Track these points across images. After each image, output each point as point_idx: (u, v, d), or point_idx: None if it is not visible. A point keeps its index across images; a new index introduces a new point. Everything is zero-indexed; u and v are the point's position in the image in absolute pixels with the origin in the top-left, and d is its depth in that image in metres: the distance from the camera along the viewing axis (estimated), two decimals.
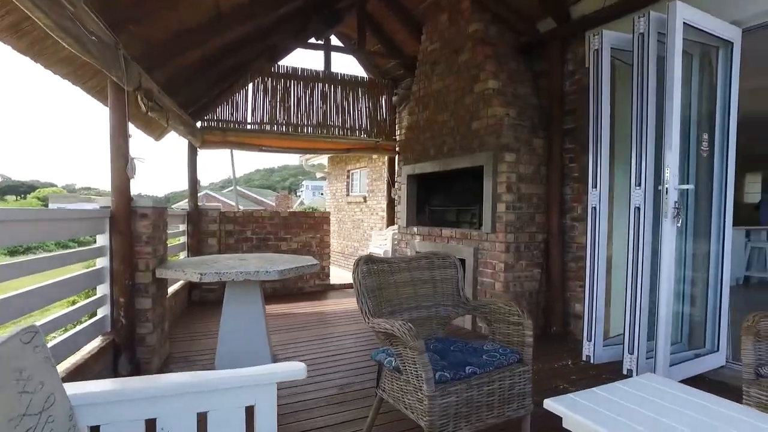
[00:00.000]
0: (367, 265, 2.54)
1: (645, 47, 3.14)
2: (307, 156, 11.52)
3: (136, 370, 3.26)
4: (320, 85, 6.77)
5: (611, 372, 3.43)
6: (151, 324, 3.36)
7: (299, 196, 37.68)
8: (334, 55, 6.87)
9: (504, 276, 4.49)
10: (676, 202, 3.01)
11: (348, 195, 11.16)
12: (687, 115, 3.45)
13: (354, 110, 7.02)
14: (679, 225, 3.05)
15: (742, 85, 3.41)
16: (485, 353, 2.32)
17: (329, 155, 10.96)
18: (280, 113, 6.52)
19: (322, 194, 33.24)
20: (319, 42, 6.67)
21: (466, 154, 4.93)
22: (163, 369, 3.51)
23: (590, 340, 3.56)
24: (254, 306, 3.52)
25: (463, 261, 4.86)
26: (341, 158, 11.20)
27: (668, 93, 3.02)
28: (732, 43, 3.38)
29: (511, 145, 4.51)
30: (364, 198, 10.17)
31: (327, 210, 11.28)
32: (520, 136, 4.59)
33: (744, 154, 3.58)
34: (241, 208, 12.37)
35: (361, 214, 10.40)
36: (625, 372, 3.25)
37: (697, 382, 3.22)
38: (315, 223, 6.75)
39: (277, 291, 6.34)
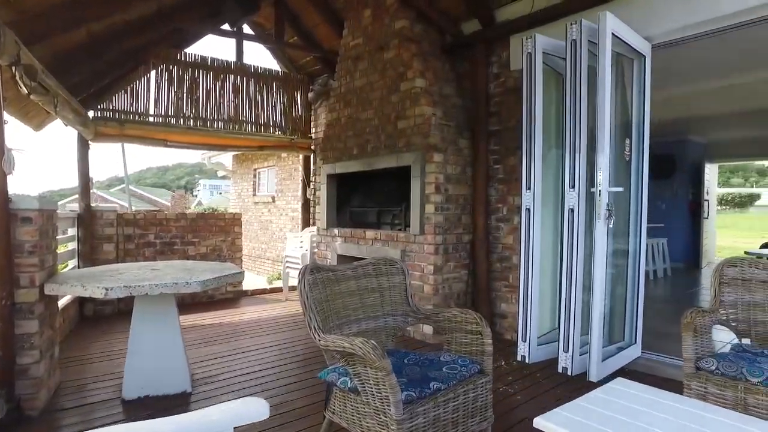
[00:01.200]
0: (313, 274, 2.29)
1: (577, 54, 3.22)
2: (211, 153, 10.76)
3: (16, 409, 2.68)
4: (232, 77, 6.26)
5: (546, 371, 3.49)
6: (38, 351, 2.79)
7: (196, 195, 35.45)
8: (247, 46, 6.41)
9: (433, 278, 4.43)
10: (608, 203, 3.12)
11: (255, 195, 10.61)
12: (612, 121, 3.62)
13: (268, 105, 6.60)
14: (611, 226, 3.17)
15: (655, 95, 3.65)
16: (445, 365, 2.18)
17: (235, 153, 10.32)
18: (187, 106, 5.92)
19: (221, 193, 31.50)
20: (232, 29, 6.16)
21: (392, 154, 4.81)
22: (54, 404, 2.94)
23: (525, 341, 3.59)
24: (169, 322, 3.09)
25: None
26: (247, 156, 10.62)
27: (600, 99, 3.12)
28: (644, 56, 3.59)
29: (439, 146, 4.47)
30: (273, 198, 9.71)
31: (231, 211, 10.62)
32: (447, 136, 4.56)
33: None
34: (134, 208, 11.23)
35: (269, 215, 9.92)
36: (560, 370, 3.32)
37: (622, 373, 3.38)
38: (226, 225, 6.24)
39: (185, 300, 5.75)
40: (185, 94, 5.90)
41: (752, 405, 2.16)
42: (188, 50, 6.00)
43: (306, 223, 7.40)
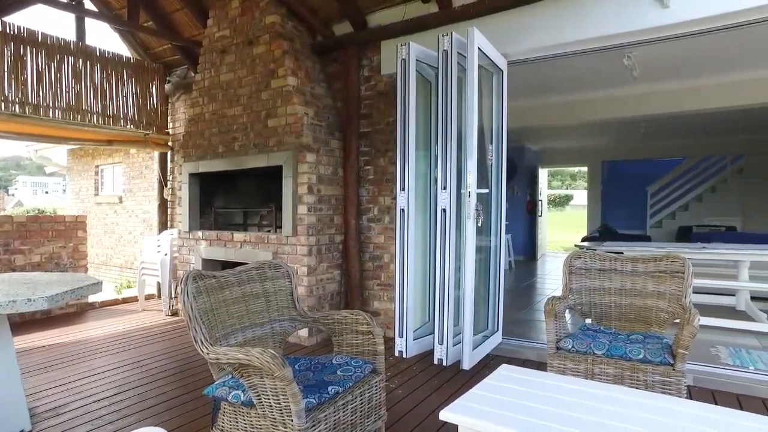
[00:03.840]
0: (196, 282, 2.11)
1: (449, 63, 3.45)
2: (39, 146, 9.26)
3: None
4: (72, 59, 5.43)
5: (422, 363, 3.67)
6: None
7: (13, 194, 30.21)
8: (91, 25, 5.63)
9: (307, 280, 4.38)
10: (477, 204, 3.39)
11: (97, 195, 9.40)
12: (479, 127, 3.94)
13: (118, 96, 5.88)
14: (479, 225, 3.45)
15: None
16: (338, 368, 2.17)
17: (75, 146, 9.04)
18: (10, 88, 4.99)
19: (48, 192, 27.27)
20: (71, 2, 5.35)
21: (262, 153, 4.65)
22: None
23: (402, 336, 3.74)
24: (1, 346, 2.59)
25: None
26: (87, 151, 9.37)
27: (468, 107, 3.37)
28: (503, 71, 3.99)
29: (311, 146, 4.44)
30: (120, 198, 8.71)
31: (65, 212, 9.28)
32: (319, 136, 4.55)
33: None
34: None
35: (115, 217, 8.87)
36: (435, 362, 3.52)
37: (488, 360, 3.71)
38: (66, 229, 5.41)
39: (11, 318, 4.85)
40: (7, 74, 4.97)
41: (597, 373, 2.54)
42: (7, 19, 5.02)
43: (164, 225, 6.77)
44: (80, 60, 5.52)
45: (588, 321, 3.14)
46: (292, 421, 1.74)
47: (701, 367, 3.36)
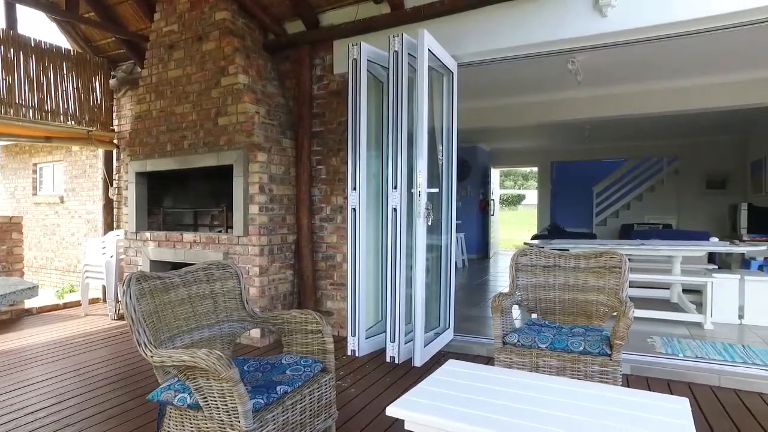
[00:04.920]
0: (140, 283, 2.05)
1: (399, 64, 3.49)
2: None
3: None
4: (1, 48, 5.12)
5: (374, 362, 3.70)
6: None
7: None
8: (23, 13, 5.32)
9: (259, 280, 4.33)
10: (427, 203, 3.45)
11: (36, 194, 8.91)
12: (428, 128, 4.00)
13: (57, 90, 5.58)
14: (430, 224, 3.51)
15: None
16: (288, 368, 2.16)
17: (6, 143, 8.53)
18: None
19: None
20: None
21: (212, 152, 4.55)
22: None
23: (354, 335, 3.75)
24: None
25: None
26: (23, 148, 8.86)
27: (419, 107, 3.43)
28: (453, 72, 4.07)
29: (263, 145, 4.39)
30: (62, 198, 8.29)
31: (3, 213, 8.75)
32: (271, 135, 4.51)
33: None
34: None
35: (56, 218, 8.44)
36: (388, 359, 3.56)
37: (440, 357, 3.78)
38: None
39: None
40: None
41: (541, 366, 2.64)
42: None
43: (110, 226, 6.50)
44: (11, 49, 5.19)
45: (534, 316, 3.26)
46: (239, 422, 1.72)
47: (638, 357, 3.56)
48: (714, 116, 7.27)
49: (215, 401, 1.77)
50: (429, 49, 3.51)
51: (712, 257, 6.84)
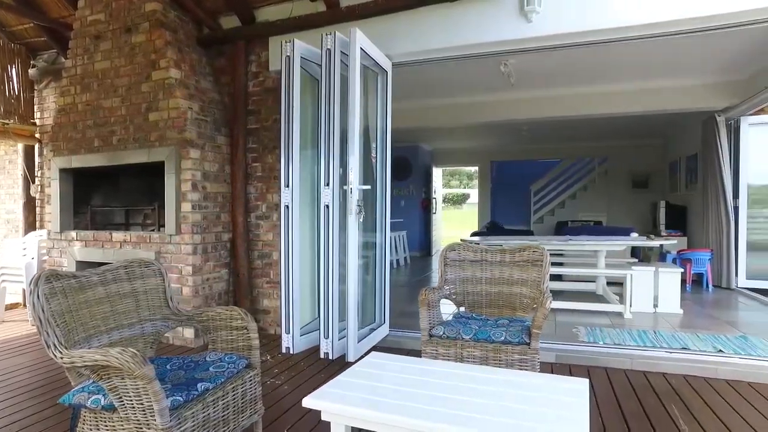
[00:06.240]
0: (50, 282, 1.97)
1: (332, 62, 3.52)
2: None
3: None
4: None
5: (309, 358, 3.71)
6: None
7: None
8: None
9: (192, 279, 4.23)
10: (358, 200, 3.50)
11: None
12: (361, 126, 4.05)
13: None
14: (361, 220, 3.55)
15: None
16: (211, 365, 2.15)
17: None
18: None
19: None
20: None
21: (143, 148, 4.40)
22: None
23: (288, 332, 3.75)
24: None
25: None
26: None
27: (351, 105, 3.47)
28: (387, 71, 4.14)
29: (196, 141, 4.29)
30: None
31: None
32: (204, 132, 4.41)
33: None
34: None
35: None
36: (322, 356, 3.58)
37: (374, 351, 3.83)
38: None
39: None
40: None
41: (465, 356, 2.75)
42: None
43: (32, 226, 6.12)
44: None
45: (462, 309, 3.38)
46: (155, 420, 1.70)
47: (563, 346, 3.76)
48: (637, 120, 7.77)
49: (131, 401, 1.74)
50: (362, 48, 3.56)
51: (635, 251, 7.32)
